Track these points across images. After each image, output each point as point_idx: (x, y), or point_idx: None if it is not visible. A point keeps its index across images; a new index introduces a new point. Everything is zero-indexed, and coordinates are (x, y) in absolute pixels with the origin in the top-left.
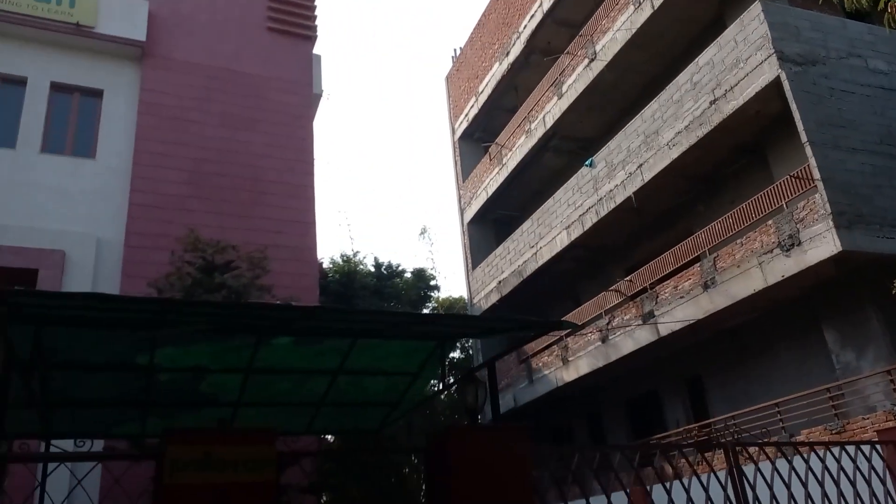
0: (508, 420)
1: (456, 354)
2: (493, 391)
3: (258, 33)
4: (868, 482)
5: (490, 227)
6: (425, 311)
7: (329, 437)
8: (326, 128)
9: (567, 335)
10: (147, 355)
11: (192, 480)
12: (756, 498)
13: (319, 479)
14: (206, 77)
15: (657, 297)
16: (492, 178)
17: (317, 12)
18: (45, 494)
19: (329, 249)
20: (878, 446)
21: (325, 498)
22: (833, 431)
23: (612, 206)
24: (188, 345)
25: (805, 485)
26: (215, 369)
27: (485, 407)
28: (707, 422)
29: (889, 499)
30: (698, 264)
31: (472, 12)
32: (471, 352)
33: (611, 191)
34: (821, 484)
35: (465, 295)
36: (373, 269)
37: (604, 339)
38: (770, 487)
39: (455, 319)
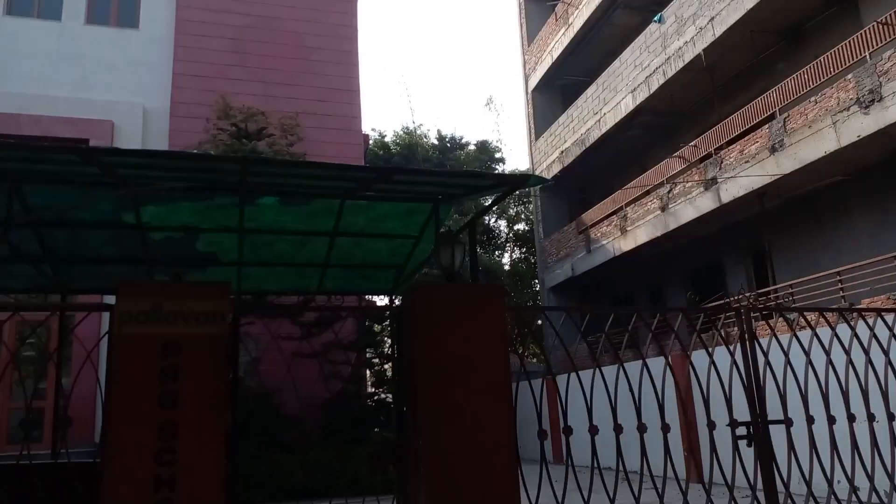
0: (568, 289)
1: (521, 227)
2: (472, 252)
3: None
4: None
5: (556, 94)
6: None
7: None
8: None
9: (627, 205)
10: (132, 213)
11: (141, 332)
12: (768, 363)
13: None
14: None
15: (721, 162)
16: (557, 41)
17: None
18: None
19: (391, 123)
20: None
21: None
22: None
23: (681, 65)
24: (169, 203)
25: (828, 353)
26: (207, 228)
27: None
28: (765, 290)
29: None
30: (767, 126)
31: None
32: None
33: (679, 48)
34: (847, 352)
35: (530, 167)
36: (436, 142)
37: (664, 208)
38: (786, 354)
39: (409, 174)
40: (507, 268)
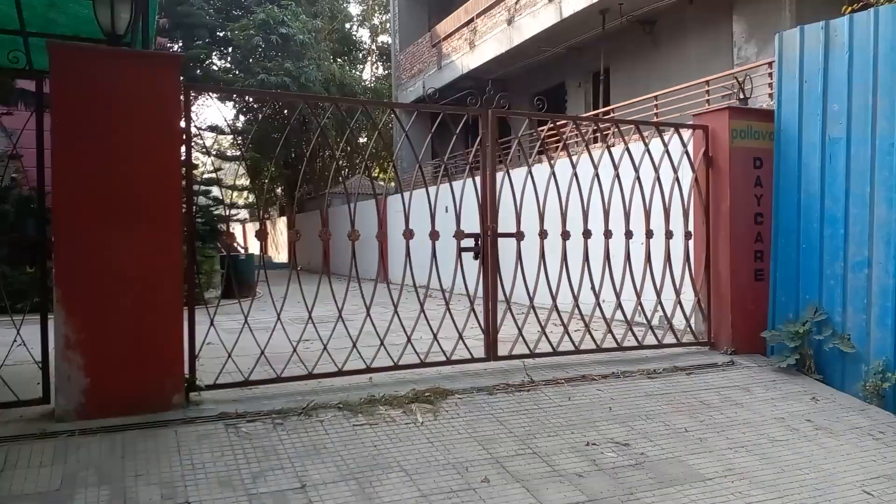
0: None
1: (385, 39)
2: (144, 9)
3: None
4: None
5: None
6: None
7: None
8: None
9: (478, 16)
10: None
11: None
12: (508, 175)
13: None
14: None
15: None
16: None
17: None
18: None
19: None
20: (683, 130)
21: None
22: None
23: None
24: None
25: (575, 170)
26: None
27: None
28: (594, 112)
29: (678, 182)
30: None
31: None
32: None
33: None
34: (596, 167)
35: None
36: None
37: (510, 21)
38: (529, 168)
39: None
40: (366, 84)
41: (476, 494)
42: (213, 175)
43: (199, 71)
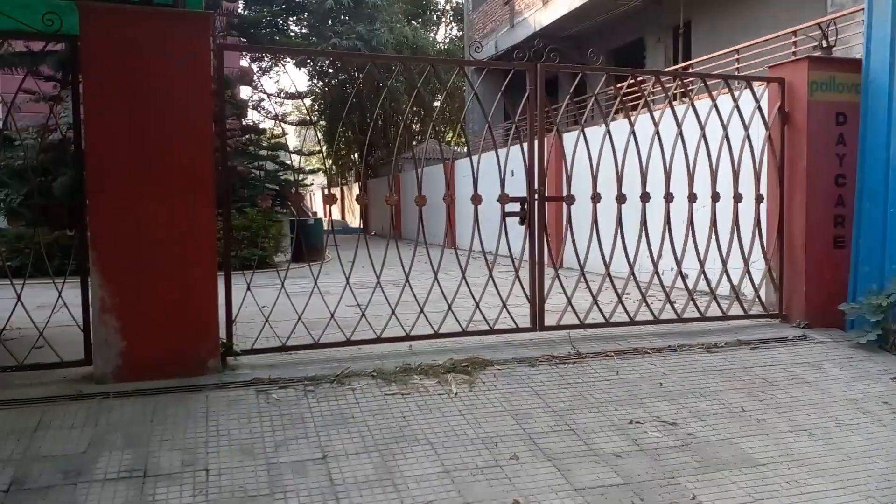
0: (492, 70)
1: None
2: None
3: None
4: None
5: None
6: None
7: None
8: None
9: None
10: None
11: None
12: (558, 137)
13: None
14: None
15: None
16: None
17: None
18: None
19: None
20: (755, 84)
21: None
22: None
23: None
24: None
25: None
26: None
27: None
28: (673, 68)
29: (746, 135)
30: None
31: None
32: None
33: None
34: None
35: None
36: None
37: None
38: (582, 129)
39: None
40: (440, 46)
41: (502, 472)
42: (281, 140)
43: (277, 37)
